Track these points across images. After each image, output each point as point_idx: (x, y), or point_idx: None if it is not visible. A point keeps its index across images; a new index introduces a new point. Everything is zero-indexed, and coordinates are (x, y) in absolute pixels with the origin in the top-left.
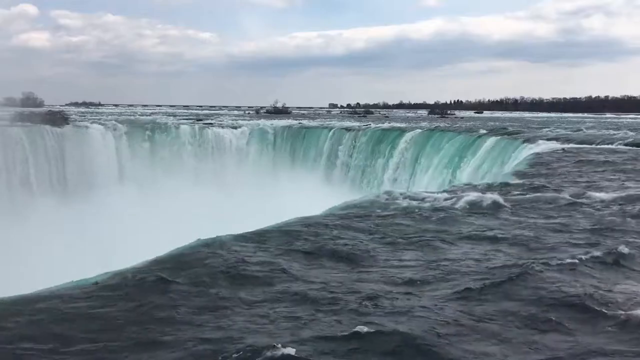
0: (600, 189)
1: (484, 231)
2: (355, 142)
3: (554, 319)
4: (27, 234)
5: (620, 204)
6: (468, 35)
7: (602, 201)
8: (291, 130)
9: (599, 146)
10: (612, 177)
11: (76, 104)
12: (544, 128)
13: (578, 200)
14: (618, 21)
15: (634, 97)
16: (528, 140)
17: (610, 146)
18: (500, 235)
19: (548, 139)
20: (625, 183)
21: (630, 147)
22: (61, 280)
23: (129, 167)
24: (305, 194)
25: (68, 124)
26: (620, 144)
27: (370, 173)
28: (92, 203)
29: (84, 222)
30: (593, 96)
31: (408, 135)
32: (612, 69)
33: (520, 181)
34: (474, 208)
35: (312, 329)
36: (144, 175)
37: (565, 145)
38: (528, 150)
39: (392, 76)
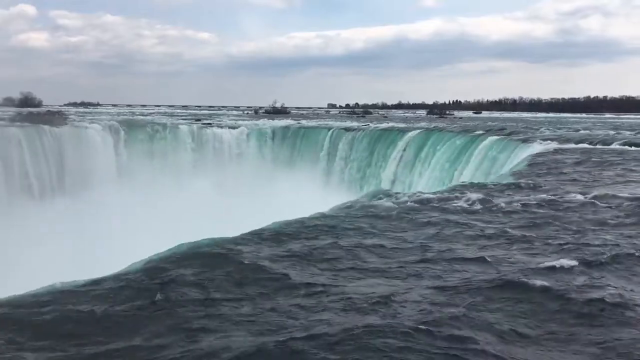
0: (595, 187)
1: (481, 231)
2: (354, 142)
3: (547, 318)
4: (26, 233)
5: (615, 203)
6: (467, 36)
7: (597, 200)
8: (290, 131)
9: (597, 146)
10: (608, 176)
11: (75, 104)
12: (542, 128)
13: (576, 200)
14: (616, 21)
15: (633, 97)
16: (526, 141)
17: (607, 146)
18: (497, 235)
19: (546, 139)
20: (620, 182)
21: (629, 147)
22: (59, 280)
23: (127, 167)
24: (304, 194)
25: (66, 124)
26: (618, 143)
27: (369, 173)
28: (90, 203)
29: (83, 222)
30: (592, 96)
31: (407, 136)
32: (611, 69)
33: (519, 181)
34: (472, 208)
35: (307, 330)
36: (143, 175)
37: (563, 146)
38: (526, 151)
39: (391, 76)
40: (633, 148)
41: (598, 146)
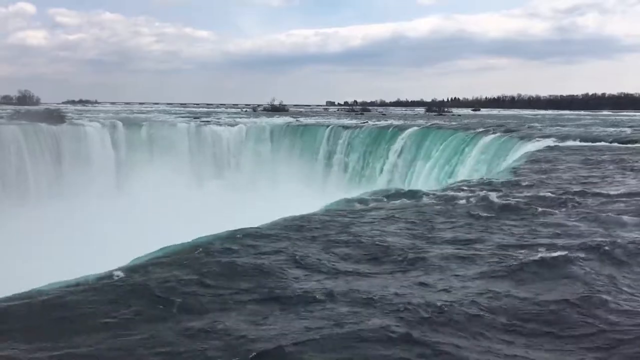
0: (593, 185)
1: (480, 228)
2: (352, 139)
3: (543, 317)
4: (24, 232)
5: (612, 200)
6: (464, 33)
7: (595, 198)
8: (288, 128)
9: (595, 144)
10: (606, 173)
11: (73, 102)
12: (541, 125)
13: (574, 197)
14: (612, 19)
15: (631, 94)
16: (525, 138)
17: (604, 144)
18: (496, 233)
19: (544, 137)
20: (618, 179)
21: (627, 145)
22: (56, 278)
23: (126, 165)
24: (303, 192)
25: (65, 122)
26: (614, 141)
27: (368, 170)
28: (89, 201)
29: (81, 220)
30: (590, 93)
31: (405, 133)
32: (608, 67)
33: (517, 178)
34: (471, 205)
35: (308, 326)
36: (141, 173)
37: (562, 143)
38: (525, 148)
39: (389, 74)
40: (630, 145)
41: (595, 143)
